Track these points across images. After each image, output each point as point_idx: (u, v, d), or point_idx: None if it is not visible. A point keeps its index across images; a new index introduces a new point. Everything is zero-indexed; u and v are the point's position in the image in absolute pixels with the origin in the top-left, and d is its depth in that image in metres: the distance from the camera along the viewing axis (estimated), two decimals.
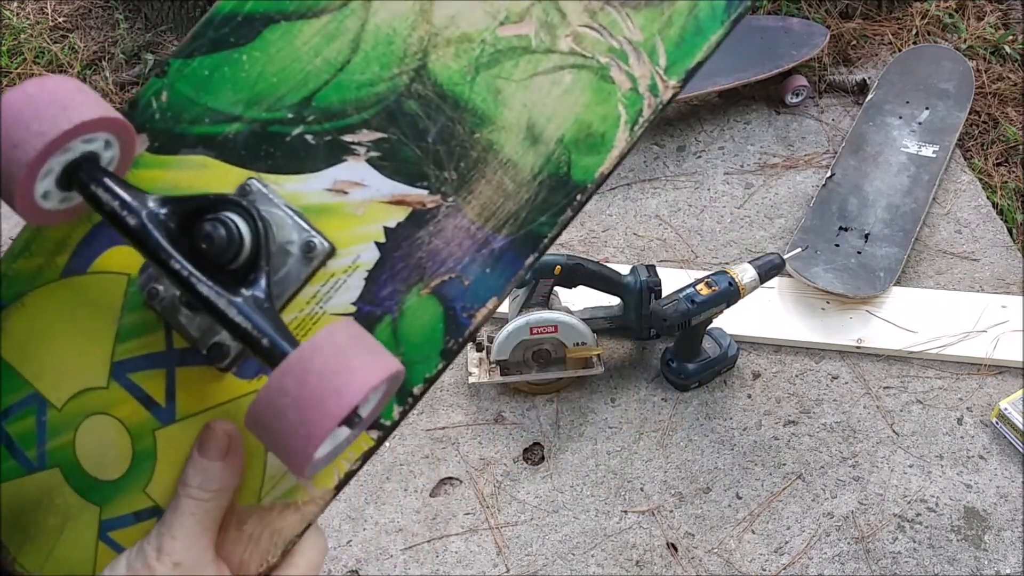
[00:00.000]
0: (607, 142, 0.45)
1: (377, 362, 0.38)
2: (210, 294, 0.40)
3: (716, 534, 1.25)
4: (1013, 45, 1.93)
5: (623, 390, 1.42)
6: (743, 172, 1.75)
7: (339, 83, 0.47)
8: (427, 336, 0.45)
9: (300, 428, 0.36)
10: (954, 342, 1.42)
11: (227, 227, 0.42)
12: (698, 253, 1.61)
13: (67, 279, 0.47)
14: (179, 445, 0.45)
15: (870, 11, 2.03)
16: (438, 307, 0.45)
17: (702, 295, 1.28)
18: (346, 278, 0.45)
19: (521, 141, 0.46)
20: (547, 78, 0.46)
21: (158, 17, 2.15)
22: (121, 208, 0.41)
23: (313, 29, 0.48)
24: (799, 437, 1.35)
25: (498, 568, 1.22)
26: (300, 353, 0.37)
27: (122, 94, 2.04)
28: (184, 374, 0.46)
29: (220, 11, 0.49)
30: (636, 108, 0.45)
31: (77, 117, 0.41)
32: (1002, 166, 1.73)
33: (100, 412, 0.46)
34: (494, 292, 0.45)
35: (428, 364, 0.45)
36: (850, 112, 1.85)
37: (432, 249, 0.45)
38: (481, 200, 0.45)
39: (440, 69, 0.46)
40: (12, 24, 2.22)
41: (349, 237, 0.45)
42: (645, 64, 0.46)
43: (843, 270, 1.49)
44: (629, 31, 0.46)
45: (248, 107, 0.47)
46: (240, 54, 0.48)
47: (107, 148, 0.44)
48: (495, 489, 1.31)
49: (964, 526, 1.23)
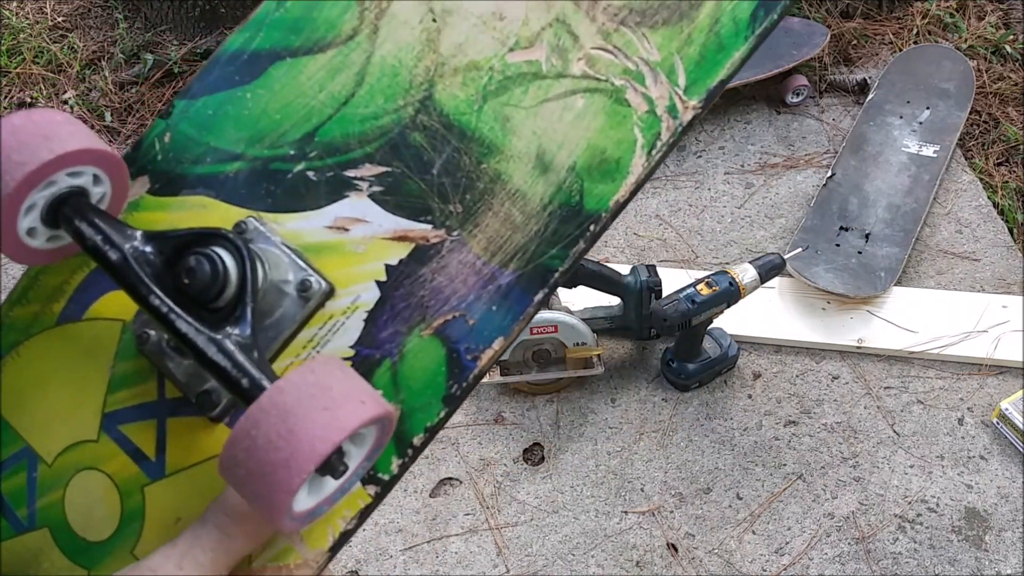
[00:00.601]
0: (622, 168, 0.43)
1: (362, 403, 0.35)
2: (188, 330, 0.38)
3: (716, 535, 1.24)
4: (1014, 45, 1.93)
5: (623, 390, 1.41)
6: (743, 172, 1.75)
7: (342, 117, 0.45)
8: (428, 381, 0.42)
9: (274, 472, 0.33)
10: (955, 342, 1.42)
11: (211, 261, 0.40)
12: (698, 253, 1.61)
13: (63, 326, 0.46)
14: (168, 502, 0.43)
15: (871, 11, 2.03)
16: (441, 349, 0.42)
17: (702, 295, 1.27)
18: (345, 320, 0.43)
19: (530, 170, 0.43)
20: (558, 104, 0.44)
21: (157, 17, 2.14)
22: (103, 243, 0.39)
23: (318, 64, 0.46)
24: (800, 437, 1.34)
25: (498, 568, 1.22)
26: (272, 392, 0.34)
27: (121, 94, 2.03)
28: (175, 425, 0.44)
29: (228, 49, 0.47)
30: (654, 131, 0.43)
31: (59, 148, 0.39)
32: (1003, 166, 1.73)
33: (90, 467, 0.44)
34: (501, 332, 0.42)
35: (429, 411, 0.42)
36: (851, 112, 1.85)
37: (435, 287, 0.43)
38: (488, 233, 0.43)
39: (446, 99, 0.45)
40: (11, 24, 2.22)
41: (349, 276, 0.43)
42: (663, 84, 0.43)
43: (844, 270, 1.49)
44: (646, 51, 0.44)
45: (250, 145, 0.46)
46: (244, 92, 0.46)
47: (96, 184, 0.42)
48: (495, 489, 1.31)
49: (965, 526, 1.23)
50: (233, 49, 0.47)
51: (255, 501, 0.34)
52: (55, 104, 2.03)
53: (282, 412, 0.34)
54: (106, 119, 1.98)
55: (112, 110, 2.00)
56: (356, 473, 0.37)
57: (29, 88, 2.07)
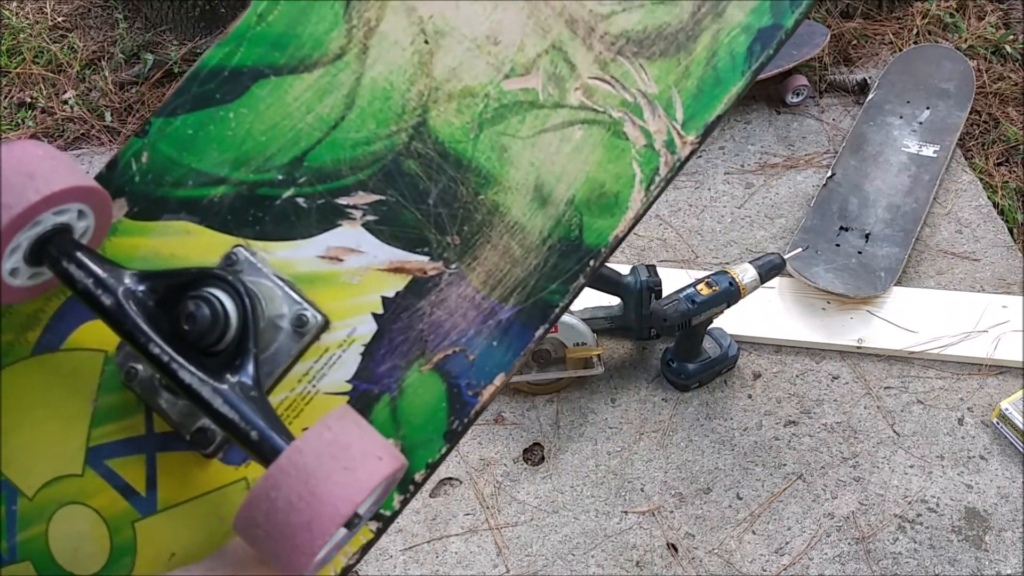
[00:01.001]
0: (621, 203, 0.42)
1: (379, 459, 0.34)
2: (192, 381, 0.37)
3: (716, 535, 1.24)
4: (1014, 45, 1.93)
5: (623, 390, 1.41)
6: (743, 172, 1.75)
7: (333, 141, 0.44)
8: (429, 417, 0.41)
9: (295, 535, 0.32)
10: (955, 342, 1.42)
11: (211, 306, 0.38)
12: (698, 253, 1.61)
13: (39, 356, 0.44)
14: (161, 538, 0.42)
15: (871, 11, 2.03)
16: (441, 384, 0.41)
17: (702, 295, 1.27)
18: (341, 353, 0.42)
19: (529, 203, 0.43)
20: (556, 135, 0.43)
21: (157, 17, 2.14)
22: (95, 286, 0.38)
23: (305, 84, 0.45)
24: (800, 437, 1.34)
25: (498, 569, 1.22)
26: (291, 453, 0.33)
27: (121, 94, 2.03)
28: (166, 460, 0.42)
29: (205, 65, 0.46)
30: (652, 166, 0.43)
31: (46, 188, 0.37)
32: (1003, 166, 1.73)
33: (75, 502, 0.42)
34: (502, 368, 0.41)
35: (431, 448, 0.41)
36: (851, 112, 1.84)
37: (434, 321, 0.42)
38: (486, 267, 0.42)
39: (441, 126, 0.44)
40: (11, 24, 2.22)
41: (344, 309, 0.42)
42: (661, 118, 0.43)
43: (844, 270, 1.49)
44: (643, 83, 0.43)
45: (235, 168, 0.44)
46: (226, 111, 0.45)
47: (80, 219, 0.40)
48: (495, 489, 1.31)
49: (965, 527, 1.23)
50: (212, 64, 0.46)
51: (274, 560, 0.33)
52: (55, 104, 2.03)
53: (303, 474, 0.33)
54: (106, 119, 1.98)
55: (112, 110, 2.00)
56: (364, 519, 0.37)
57: (29, 88, 2.07)
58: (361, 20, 0.45)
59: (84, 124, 1.99)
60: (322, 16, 0.46)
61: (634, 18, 0.44)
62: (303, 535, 0.32)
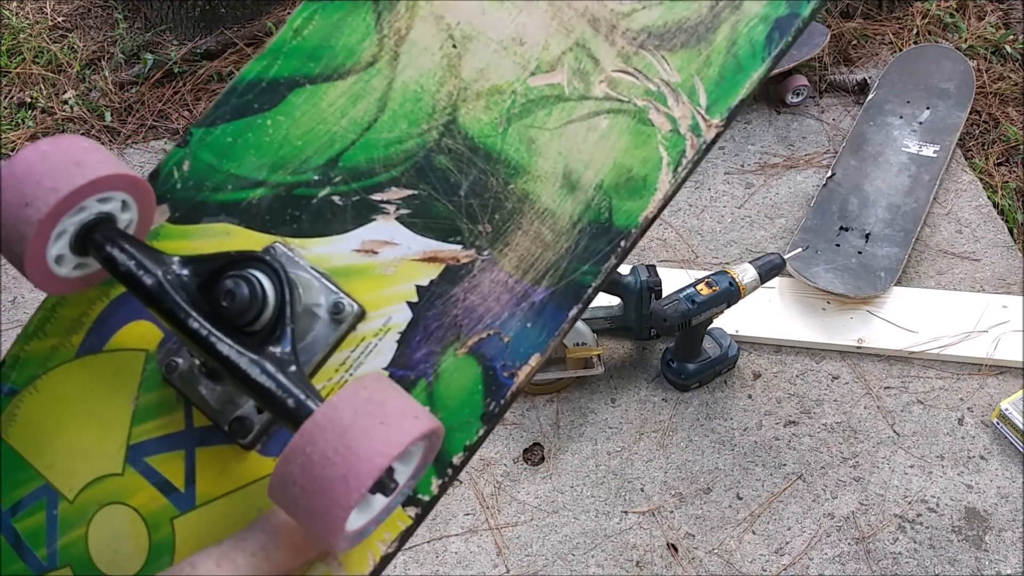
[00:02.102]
0: (649, 185, 0.43)
1: (415, 417, 0.34)
2: (231, 353, 0.37)
3: (716, 535, 1.24)
4: (1014, 45, 1.93)
5: (623, 390, 1.41)
6: (743, 172, 1.75)
7: (366, 142, 0.45)
8: (466, 399, 0.41)
9: (331, 488, 0.32)
10: (955, 342, 1.42)
11: (250, 284, 0.39)
12: (698, 253, 1.61)
13: (82, 358, 0.45)
14: (199, 534, 0.42)
15: (871, 11, 2.03)
16: (476, 367, 0.42)
17: (702, 295, 1.27)
18: (377, 342, 0.43)
19: (558, 189, 0.43)
20: (582, 125, 0.44)
21: (157, 17, 2.14)
22: (137, 268, 0.39)
23: (339, 91, 0.46)
24: (800, 437, 1.34)
25: (498, 569, 1.22)
26: (326, 409, 0.34)
27: (121, 94, 2.03)
28: (204, 455, 0.43)
29: (244, 78, 0.47)
30: (679, 149, 0.44)
31: (92, 173, 0.38)
32: (1003, 166, 1.73)
33: (115, 502, 0.43)
34: (536, 348, 0.42)
35: (468, 430, 0.41)
36: (851, 112, 1.85)
37: (468, 306, 0.42)
38: (518, 252, 0.43)
39: (470, 122, 0.45)
40: (11, 24, 2.22)
41: (380, 299, 0.43)
42: (685, 105, 0.44)
43: (844, 270, 1.49)
44: (666, 73, 0.44)
45: (272, 171, 0.46)
46: (264, 119, 0.46)
47: (124, 210, 0.42)
48: (495, 489, 1.31)
49: (965, 526, 1.23)
50: (251, 78, 0.47)
51: (310, 519, 0.33)
52: (55, 104, 2.03)
53: (338, 428, 0.33)
54: (106, 119, 1.98)
55: (112, 110, 2.00)
56: (401, 492, 0.37)
57: (29, 88, 2.07)
58: (392, 29, 0.47)
59: (84, 124, 1.99)
60: (355, 28, 0.47)
61: (654, 14, 0.46)
62: (339, 487, 0.32)
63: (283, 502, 0.34)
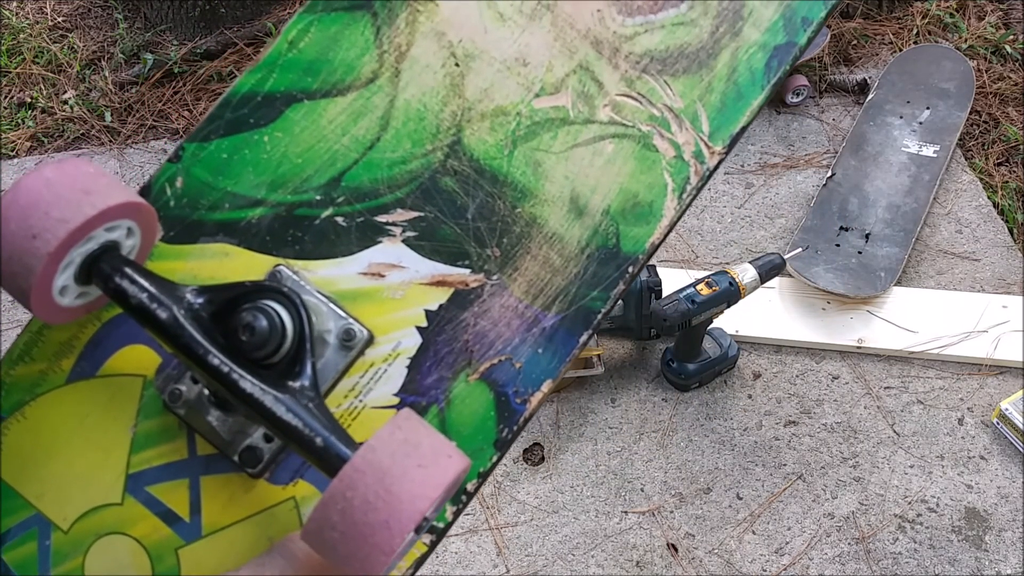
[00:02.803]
0: (656, 212, 0.43)
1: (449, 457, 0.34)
2: (254, 391, 0.36)
3: (716, 535, 1.24)
4: (1014, 45, 1.93)
5: (623, 390, 1.41)
6: (743, 172, 1.75)
7: (369, 162, 0.45)
8: (479, 426, 0.41)
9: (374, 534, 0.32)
10: (955, 342, 1.42)
11: (268, 316, 0.38)
12: (698, 253, 1.61)
13: (74, 384, 0.43)
14: (207, 564, 0.41)
15: (871, 11, 2.03)
16: (488, 393, 0.41)
17: (702, 295, 1.27)
18: (386, 367, 0.42)
19: (565, 214, 0.43)
20: (588, 149, 0.44)
21: (157, 17, 2.14)
22: (150, 301, 0.37)
23: (339, 107, 0.45)
24: (800, 437, 1.34)
25: (498, 569, 1.22)
26: (365, 452, 0.33)
27: (121, 94, 2.03)
28: (210, 483, 0.42)
29: (238, 91, 0.46)
30: (683, 176, 0.44)
31: (102, 203, 0.37)
32: (1003, 166, 1.73)
33: (114, 532, 0.42)
34: (548, 375, 0.41)
35: (482, 457, 0.41)
36: (851, 112, 1.85)
37: (479, 331, 0.42)
38: (527, 277, 0.43)
39: (476, 143, 0.45)
40: (11, 24, 2.22)
41: (388, 323, 0.42)
42: (688, 131, 0.44)
43: (844, 270, 1.49)
44: (669, 98, 0.45)
45: (272, 190, 0.44)
46: (261, 135, 0.45)
47: (129, 236, 0.40)
48: (495, 489, 1.31)
49: (965, 527, 1.23)
50: (245, 91, 0.46)
51: (348, 563, 0.33)
52: (55, 104, 2.03)
53: (378, 472, 0.32)
54: (106, 119, 1.98)
55: (112, 110, 2.00)
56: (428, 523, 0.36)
57: (29, 88, 2.07)
58: (392, 45, 0.46)
59: (84, 124, 1.99)
60: (353, 42, 0.46)
61: (656, 38, 0.46)
62: (382, 534, 0.32)
63: (319, 546, 0.33)
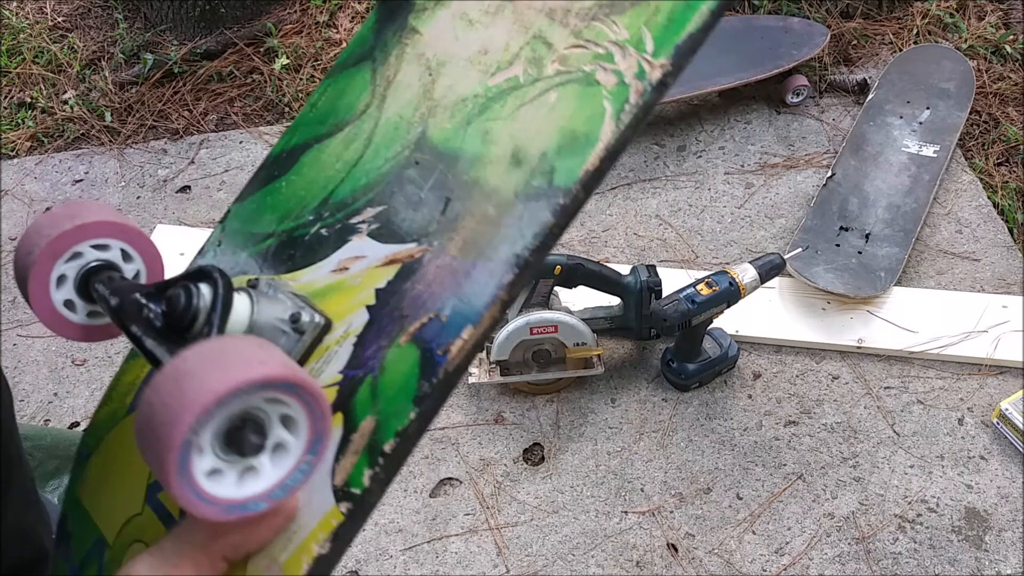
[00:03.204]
0: (592, 139, 0.41)
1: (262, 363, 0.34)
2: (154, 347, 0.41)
3: (717, 535, 1.24)
4: (1014, 45, 1.93)
5: (623, 390, 1.41)
6: (743, 172, 1.75)
7: (351, 177, 0.48)
8: (403, 386, 0.40)
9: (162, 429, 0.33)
10: (955, 342, 1.42)
11: (187, 292, 0.42)
12: (698, 253, 1.61)
13: (130, 416, 0.49)
14: None
15: (871, 11, 2.03)
16: (415, 352, 0.41)
17: (702, 295, 1.27)
18: (337, 349, 0.43)
19: (506, 168, 0.43)
20: (532, 104, 0.44)
21: (157, 17, 2.14)
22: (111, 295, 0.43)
23: (337, 141, 0.50)
24: (800, 437, 1.34)
25: (498, 569, 1.22)
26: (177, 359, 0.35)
27: (121, 94, 2.03)
28: None
29: (272, 154, 0.52)
30: (622, 98, 0.41)
31: (80, 220, 0.43)
32: (1003, 166, 1.73)
33: (137, 540, 0.45)
34: (469, 320, 0.40)
35: (400, 416, 0.39)
36: (851, 112, 1.84)
37: (414, 295, 0.42)
38: (464, 235, 0.42)
39: (437, 133, 0.46)
40: (11, 24, 2.22)
41: (345, 308, 0.44)
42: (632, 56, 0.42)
43: (844, 270, 1.49)
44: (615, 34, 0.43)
45: (280, 222, 0.49)
46: (280, 182, 0.51)
47: (127, 260, 0.46)
48: (495, 489, 1.31)
49: (965, 527, 1.23)
50: (275, 153, 0.52)
51: (155, 468, 0.34)
52: (55, 104, 2.03)
53: (179, 375, 0.34)
54: (106, 119, 1.98)
55: (112, 110, 2.00)
56: (300, 469, 0.37)
57: (29, 88, 2.07)
58: (383, 79, 0.50)
59: (84, 124, 1.99)
60: (355, 87, 0.50)
61: None
62: (168, 429, 0.33)
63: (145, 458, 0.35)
